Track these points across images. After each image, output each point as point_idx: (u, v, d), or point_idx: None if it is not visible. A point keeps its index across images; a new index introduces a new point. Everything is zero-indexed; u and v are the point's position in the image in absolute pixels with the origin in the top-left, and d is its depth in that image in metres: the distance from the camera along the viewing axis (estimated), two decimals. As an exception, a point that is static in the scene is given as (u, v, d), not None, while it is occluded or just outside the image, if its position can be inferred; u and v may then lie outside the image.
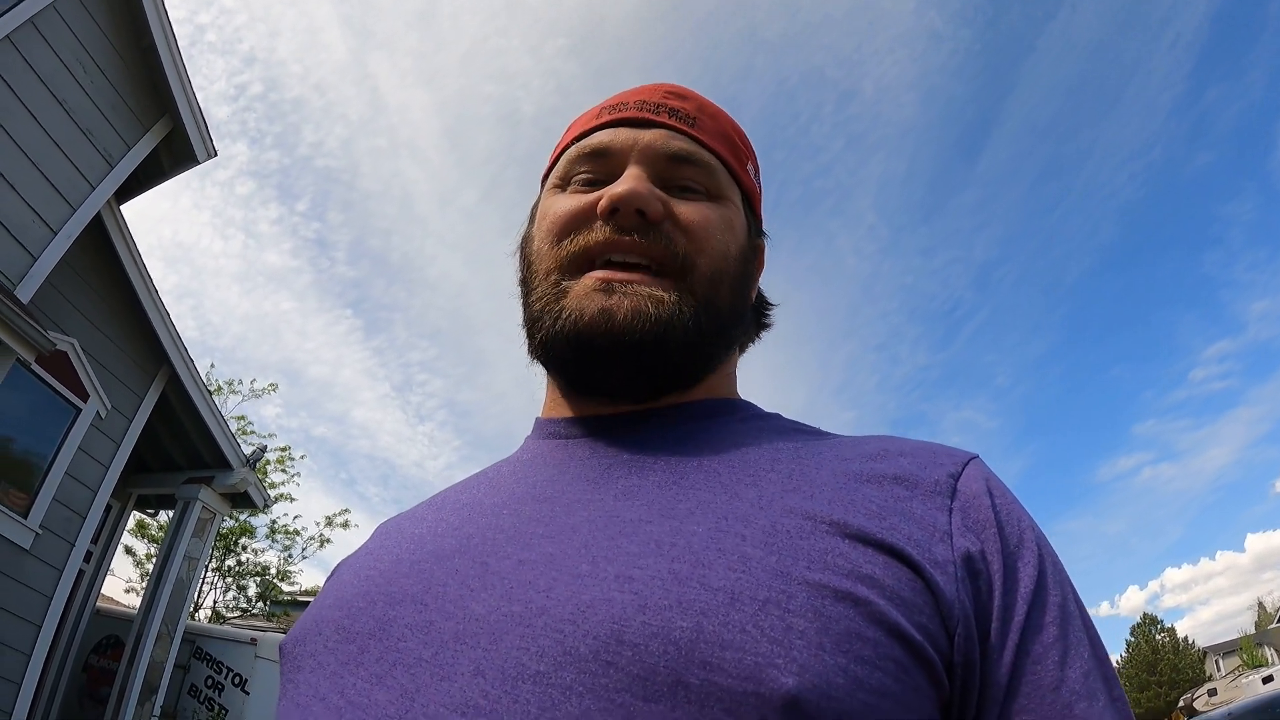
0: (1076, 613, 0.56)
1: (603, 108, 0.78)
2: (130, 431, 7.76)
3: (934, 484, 0.59)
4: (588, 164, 0.74)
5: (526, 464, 0.70)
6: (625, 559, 0.51)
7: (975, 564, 0.54)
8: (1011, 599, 0.54)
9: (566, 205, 0.72)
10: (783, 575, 0.48)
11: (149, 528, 16.08)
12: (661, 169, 0.72)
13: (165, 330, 8.01)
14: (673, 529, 0.53)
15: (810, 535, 0.51)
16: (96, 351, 7.29)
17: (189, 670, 8.95)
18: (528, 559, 0.54)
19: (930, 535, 0.54)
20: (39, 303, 6.43)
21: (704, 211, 0.71)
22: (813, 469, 0.59)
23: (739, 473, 0.59)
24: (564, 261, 0.69)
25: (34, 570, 6.67)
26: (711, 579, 0.47)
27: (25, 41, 6.10)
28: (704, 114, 0.77)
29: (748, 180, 0.79)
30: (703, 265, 0.69)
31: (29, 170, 6.16)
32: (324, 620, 0.58)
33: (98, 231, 7.14)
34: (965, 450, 0.65)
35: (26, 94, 6.13)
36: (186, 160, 7.74)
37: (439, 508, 0.68)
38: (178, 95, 7.39)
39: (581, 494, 0.61)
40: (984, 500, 0.58)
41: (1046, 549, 0.59)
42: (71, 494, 7.06)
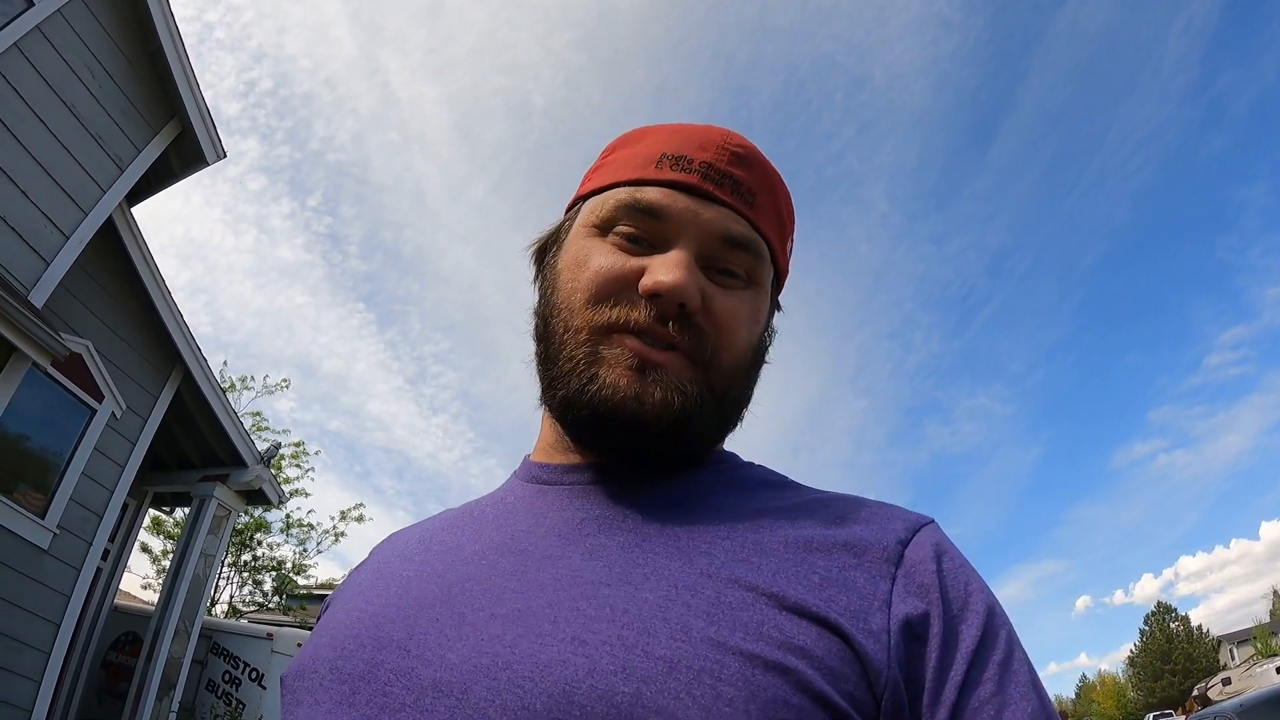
0: (1023, 670, 0.58)
1: (663, 154, 0.75)
2: (145, 431, 7.85)
3: (882, 550, 0.61)
4: (636, 220, 0.72)
5: (508, 508, 0.74)
6: (582, 621, 0.55)
7: (915, 628, 0.57)
8: (949, 659, 0.56)
9: (608, 264, 0.71)
10: (719, 645, 0.52)
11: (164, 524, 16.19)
12: (713, 249, 0.71)
13: (179, 330, 8.10)
14: (627, 594, 0.57)
15: (750, 607, 0.55)
16: (110, 353, 7.38)
17: (206, 665, 9.05)
18: (498, 613, 0.58)
19: (868, 604, 0.57)
20: (53, 306, 6.51)
21: (737, 307, 0.72)
22: (766, 536, 0.62)
23: (696, 539, 0.62)
24: (599, 327, 0.69)
25: (52, 569, 6.76)
26: (654, 647, 0.52)
27: (33, 48, 6.16)
28: (764, 188, 0.76)
29: (784, 263, 0.80)
30: (726, 362, 0.70)
31: (40, 176, 6.23)
32: (320, 658, 0.62)
33: (109, 234, 7.22)
34: (921, 515, 0.68)
35: (36, 101, 6.20)
36: (196, 162, 7.81)
37: (427, 546, 0.72)
38: (185, 98, 7.45)
39: (552, 549, 0.64)
40: (929, 565, 0.61)
41: (995, 610, 0.61)
42: (88, 494, 7.16)
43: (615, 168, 0.77)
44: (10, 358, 5.65)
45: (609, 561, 0.61)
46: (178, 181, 7.88)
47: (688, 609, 0.55)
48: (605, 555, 0.62)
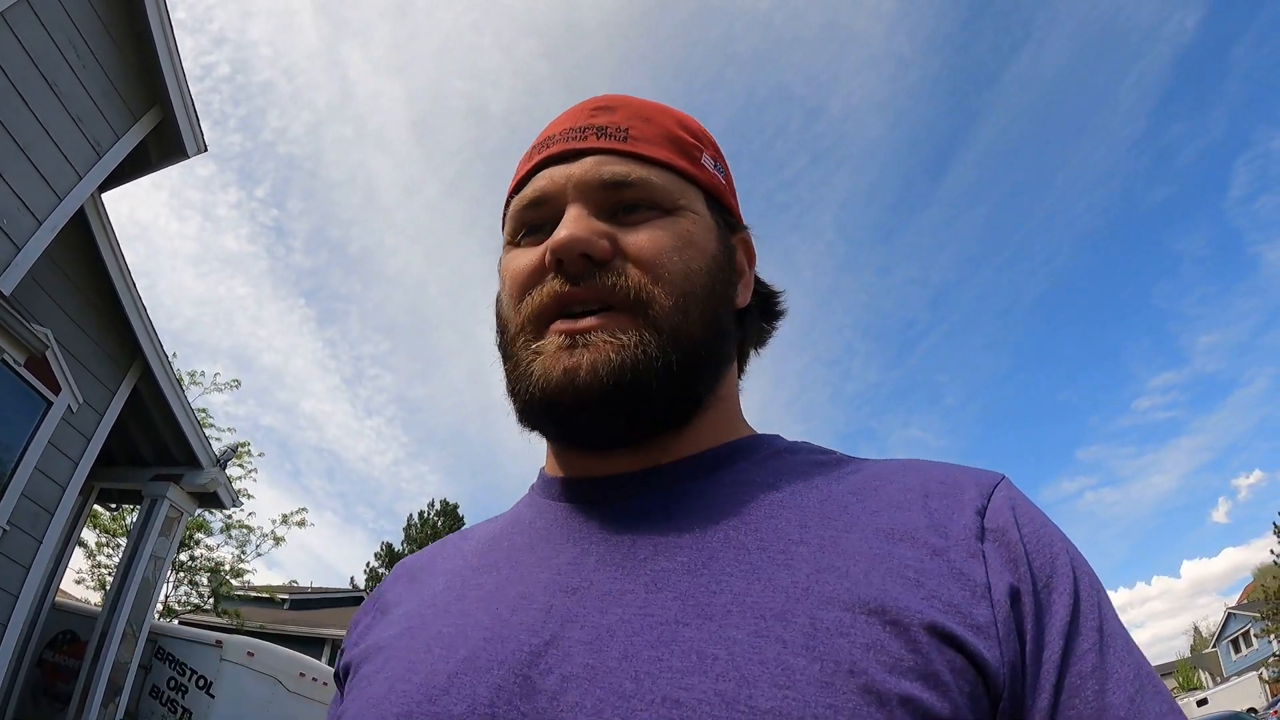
0: (1118, 632, 0.56)
1: (534, 146, 0.76)
2: (101, 427, 7.56)
3: (964, 526, 0.58)
4: (530, 215, 0.72)
5: (542, 535, 0.68)
6: (670, 676, 0.49)
7: (1013, 609, 0.54)
8: (1045, 636, 0.53)
9: (519, 263, 0.70)
10: (827, 686, 0.47)
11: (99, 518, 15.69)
12: (602, 198, 0.69)
13: (141, 324, 7.82)
14: (712, 634, 0.51)
15: (850, 631, 0.50)
16: (70, 344, 7.08)
17: (150, 671, 8.76)
18: (570, 674, 0.52)
19: (970, 595, 0.53)
20: (17, 295, 6.24)
21: (655, 235, 0.68)
22: (843, 532, 0.58)
23: (769, 549, 0.57)
24: (526, 323, 0.68)
25: (1, 568, 6.47)
26: (758, 700, 0.47)
27: (18, 19, 5.90)
28: (638, 119, 0.74)
29: (707, 175, 0.75)
30: (662, 295, 0.66)
31: (17, 157, 5.96)
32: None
33: (79, 221, 6.93)
34: (991, 474, 0.64)
35: (17, 75, 5.93)
36: (175, 153, 7.52)
37: (461, 594, 0.65)
38: (170, 85, 7.19)
39: (611, 583, 0.58)
40: (1013, 534, 0.58)
41: (1082, 571, 0.58)
42: (40, 490, 6.85)
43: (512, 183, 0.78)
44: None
45: (679, 592, 0.55)
46: (153, 171, 7.61)
47: (784, 646, 0.49)
48: (673, 584, 0.56)
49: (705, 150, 0.77)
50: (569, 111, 0.77)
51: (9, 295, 5.87)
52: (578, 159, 0.70)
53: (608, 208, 0.69)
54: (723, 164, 0.80)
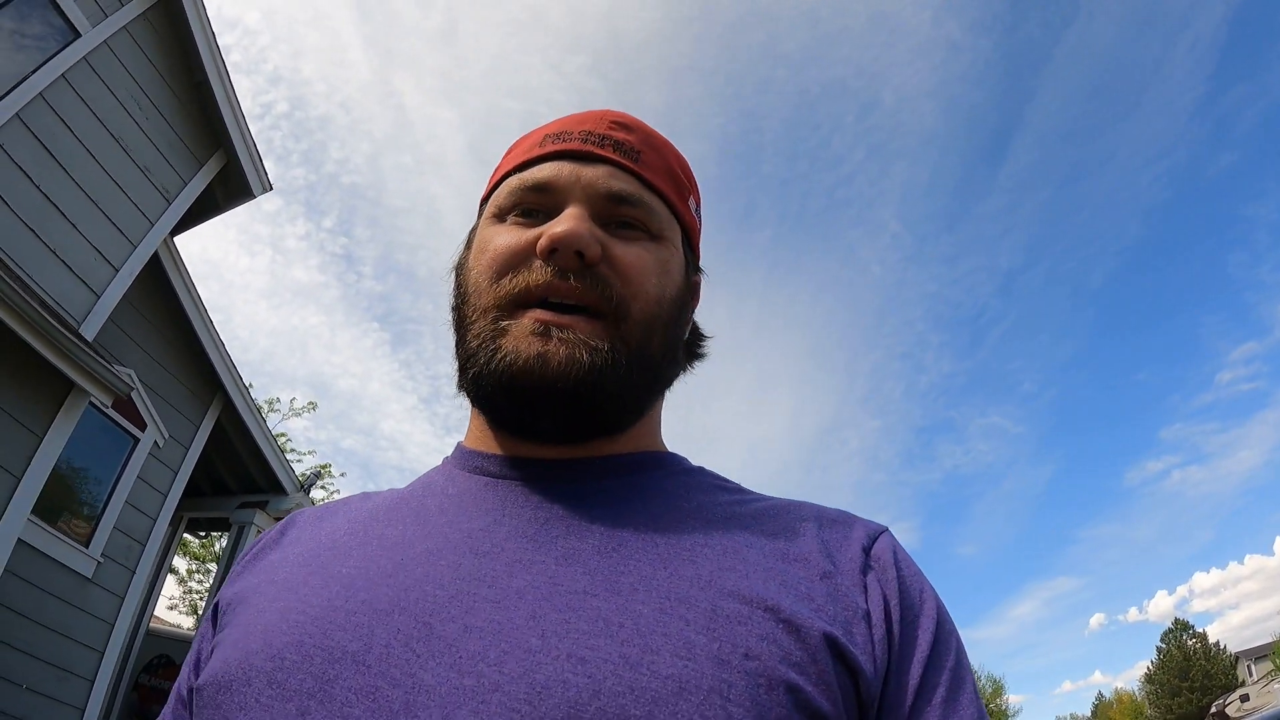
0: (968, 679, 0.60)
1: (546, 135, 0.77)
2: (187, 460, 7.89)
3: (850, 560, 0.62)
4: (528, 198, 0.73)
5: (455, 501, 0.68)
6: (576, 636, 0.51)
7: (886, 637, 0.58)
8: (907, 663, 0.58)
9: (506, 240, 0.71)
10: (723, 663, 0.50)
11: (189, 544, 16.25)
12: (602, 208, 0.71)
13: (220, 359, 8.15)
14: (619, 606, 0.54)
15: (748, 620, 0.54)
16: (154, 382, 7.43)
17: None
18: (473, 625, 0.53)
19: (852, 616, 0.58)
20: (100, 338, 6.56)
21: (641, 254, 0.71)
22: (744, 546, 0.61)
23: (675, 545, 0.60)
24: (503, 300, 0.68)
25: (96, 598, 6.79)
26: (660, 666, 0.49)
27: (81, 80, 6.23)
28: (649, 147, 0.77)
29: (689, 217, 0.79)
30: (636, 311, 0.68)
31: (90, 210, 6.29)
32: (252, 668, 0.55)
33: (154, 265, 7.27)
34: (876, 522, 0.69)
35: (85, 133, 6.26)
36: (242, 194, 7.86)
37: (364, 539, 0.66)
38: (231, 129, 7.51)
39: (521, 553, 0.60)
40: (891, 572, 0.63)
41: (944, 615, 0.63)
42: (131, 522, 7.19)
43: (508, 162, 0.79)
44: (69, 395, 5.70)
45: (589, 568, 0.58)
46: (221, 213, 7.94)
47: (686, 623, 0.53)
48: (583, 560, 0.59)
49: (692, 194, 0.81)
50: (585, 114, 0.78)
51: (92, 340, 6.18)
52: (590, 162, 0.73)
53: (605, 218, 0.71)
54: (700, 209, 0.84)
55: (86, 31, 6.22)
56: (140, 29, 6.75)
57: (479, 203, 0.83)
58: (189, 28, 7.05)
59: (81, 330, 6.10)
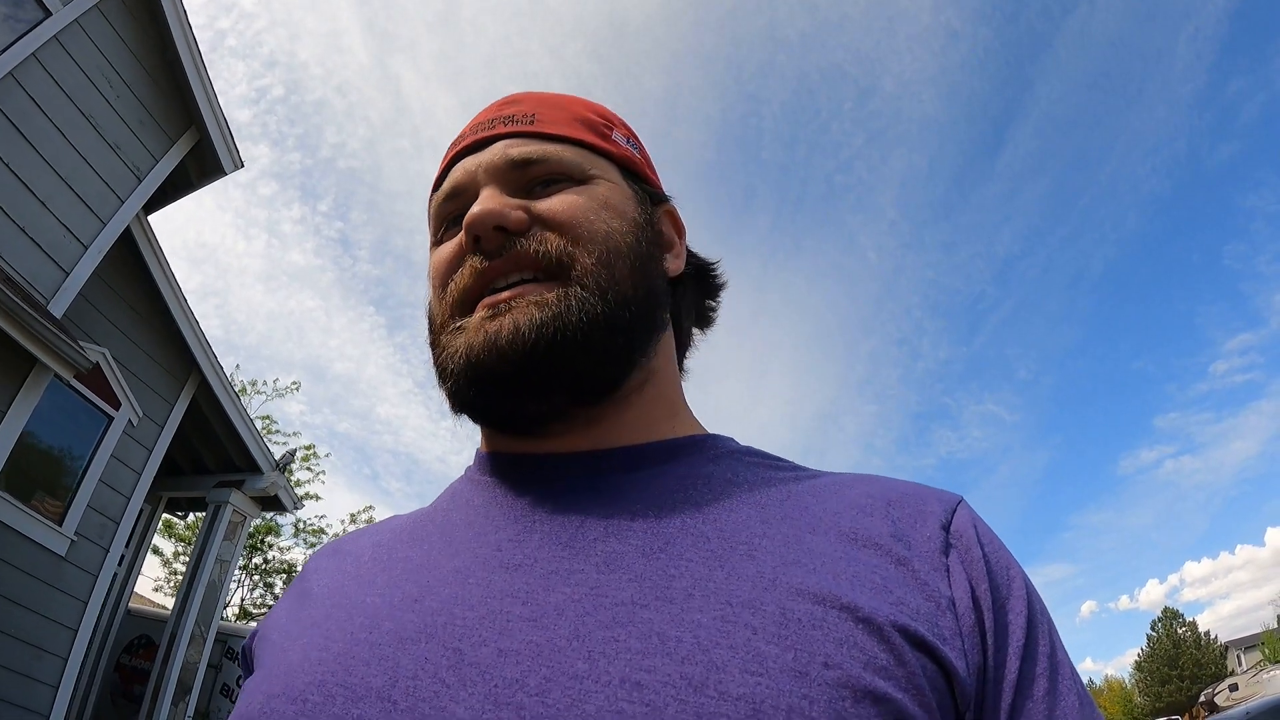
0: (1065, 660, 0.56)
1: (449, 147, 0.76)
2: (161, 438, 7.89)
3: (928, 540, 0.57)
4: (448, 208, 0.72)
5: (480, 512, 0.64)
6: (628, 657, 0.45)
7: (975, 626, 0.53)
8: (1003, 655, 0.53)
9: (441, 254, 0.70)
10: (801, 676, 0.44)
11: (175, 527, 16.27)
12: (514, 179, 0.69)
13: (194, 337, 8.14)
14: (674, 617, 0.48)
15: (823, 623, 0.48)
16: (127, 360, 7.42)
17: (221, 670, 9.09)
18: (509, 648, 0.48)
19: (936, 606, 0.52)
20: (71, 315, 6.55)
21: (569, 199, 0.67)
22: (806, 532, 0.56)
23: (729, 538, 0.54)
24: (452, 306, 0.67)
25: (70, 576, 6.80)
26: (729, 685, 0.43)
27: (51, 59, 6.20)
28: (544, 107, 0.74)
29: (620, 149, 0.75)
30: (583, 255, 0.64)
31: (60, 187, 6.27)
32: (274, 713, 0.50)
33: (127, 242, 7.26)
34: (952, 493, 0.63)
35: (54, 111, 6.24)
36: (214, 171, 7.84)
37: (387, 566, 0.61)
38: (203, 107, 7.48)
39: (558, 562, 0.54)
40: (976, 551, 0.57)
41: (1033, 594, 0.58)
42: (105, 501, 7.20)
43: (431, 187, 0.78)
44: (33, 369, 5.69)
45: (634, 574, 0.52)
46: (195, 191, 7.93)
47: (754, 632, 0.46)
48: (626, 565, 0.52)
49: (616, 128, 0.78)
50: (481, 112, 0.77)
51: (61, 318, 6.17)
52: (486, 146, 0.71)
53: (521, 186, 0.69)
54: (636, 141, 0.80)
55: (58, 10, 6.19)
56: (111, 6, 6.71)
57: None
58: (160, 4, 7.01)
59: (50, 307, 6.10)
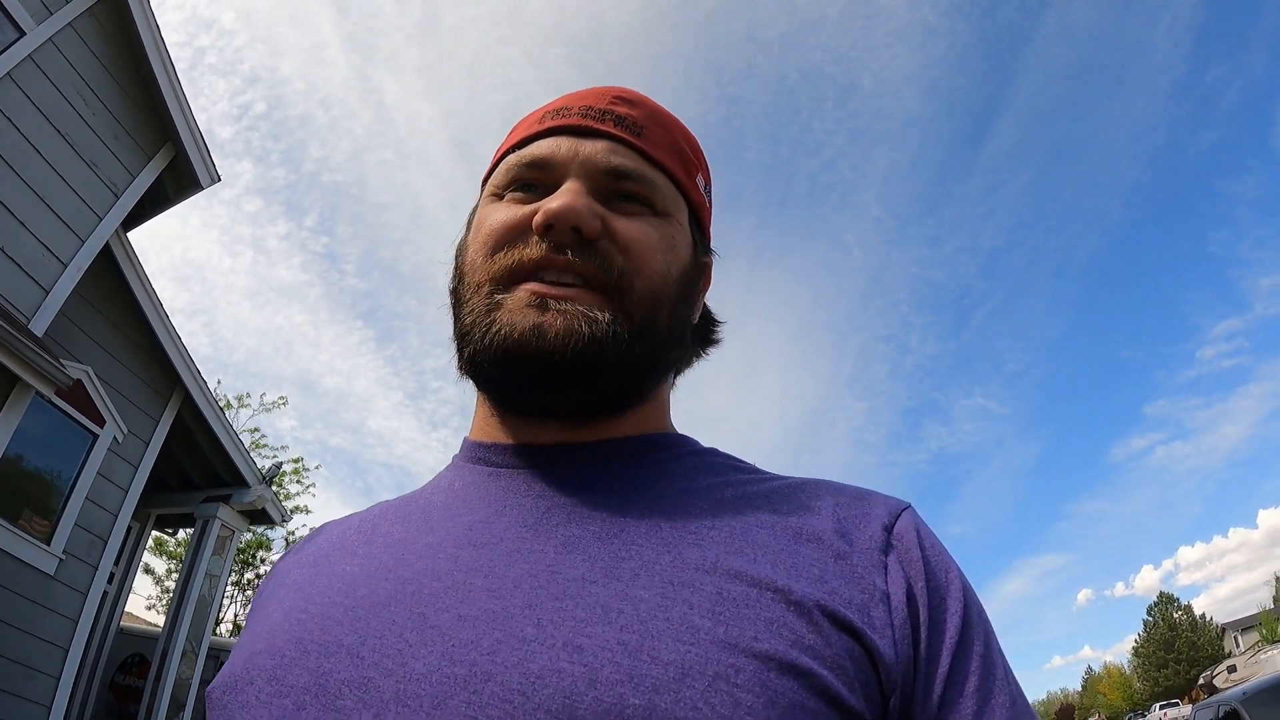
0: (999, 661, 0.58)
1: (546, 111, 0.75)
2: (147, 454, 7.88)
3: (869, 539, 0.60)
4: (526, 174, 0.71)
5: (459, 496, 0.68)
6: (573, 624, 0.50)
7: (909, 619, 0.55)
8: (936, 650, 0.55)
9: (502, 217, 0.69)
10: (730, 647, 0.48)
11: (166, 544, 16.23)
12: (602, 183, 0.69)
13: (177, 353, 8.13)
14: (619, 592, 0.52)
15: (755, 603, 0.51)
16: (111, 378, 7.42)
17: (214, 686, 9.05)
18: (468, 614, 0.52)
19: (869, 598, 0.55)
20: (52, 333, 6.55)
21: (644, 230, 0.69)
22: (753, 527, 0.59)
23: (680, 529, 0.59)
24: (497, 275, 0.67)
25: (60, 595, 6.79)
26: (661, 652, 0.48)
27: (26, 78, 6.21)
28: (653, 122, 0.74)
29: (696, 195, 0.77)
30: (640, 286, 0.66)
31: (37, 205, 6.28)
32: (255, 668, 0.56)
33: (107, 259, 7.26)
34: (900, 499, 0.66)
35: (30, 130, 6.25)
36: (191, 186, 7.85)
37: (369, 539, 0.66)
38: (178, 122, 7.49)
39: (521, 542, 0.59)
40: (915, 552, 0.60)
41: (972, 598, 0.60)
42: (93, 518, 7.18)
43: (509, 140, 0.78)
44: (14, 388, 5.69)
45: (589, 555, 0.56)
46: (173, 205, 7.93)
47: (690, 607, 0.51)
48: (583, 548, 0.57)
49: (700, 171, 0.79)
50: (590, 90, 0.76)
51: (42, 336, 6.17)
52: (590, 137, 0.71)
53: (606, 193, 0.69)
54: (710, 188, 0.82)
55: (31, 30, 6.21)
56: (85, 24, 6.73)
57: (480, 183, 0.81)
58: (134, 22, 7.03)
59: (31, 326, 6.10)
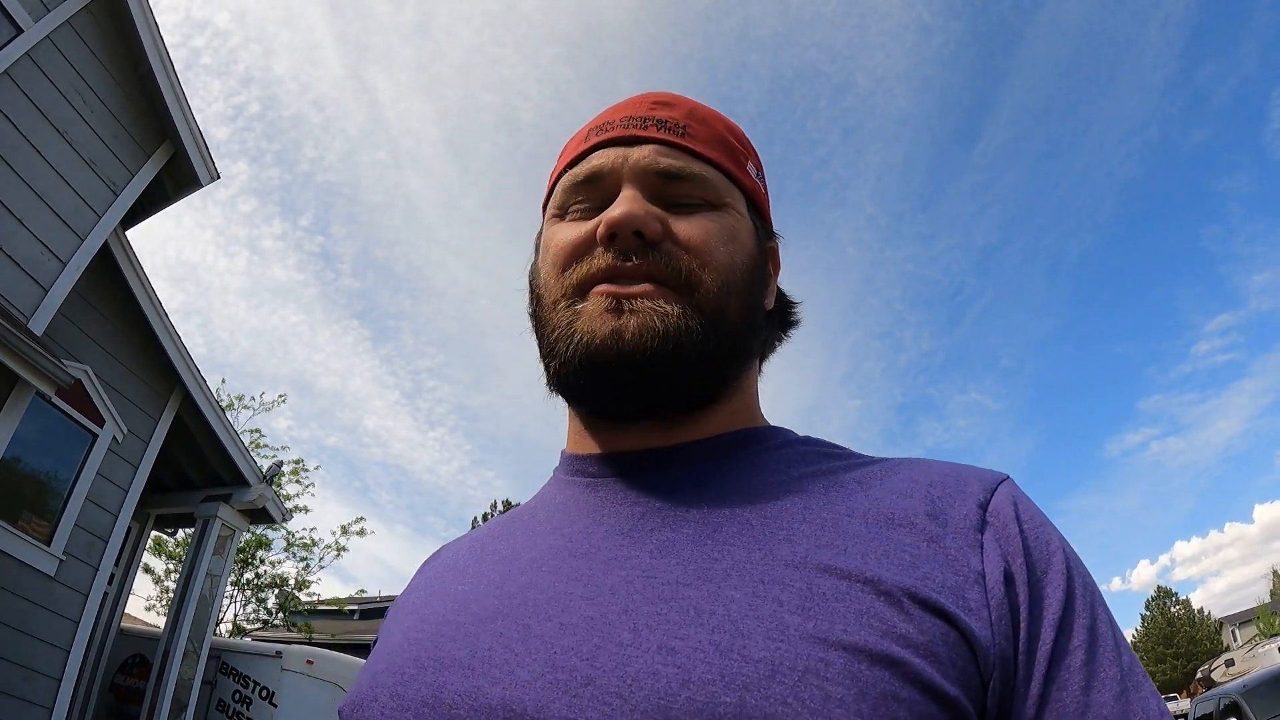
0: (1108, 633, 0.57)
1: (591, 129, 0.78)
2: (147, 454, 7.85)
3: (964, 518, 0.60)
4: (582, 191, 0.74)
5: (560, 509, 0.71)
6: (666, 627, 0.52)
7: (1008, 598, 0.55)
8: (1037, 627, 0.55)
9: (567, 235, 0.72)
10: (820, 641, 0.49)
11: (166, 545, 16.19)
12: (655, 186, 0.71)
13: (176, 352, 8.10)
14: (710, 593, 0.53)
15: (845, 596, 0.52)
16: (110, 377, 7.39)
17: (216, 685, 9.03)
18: (569, 622, 0.55)
19: (964, 580, 0.55)
20: (51, 333, 6.52)
21: (704, 225, 0.70)
22: (844, 516, 0.60)
23: (772, 525, 0.60)
24: (569, 289, 0.70)
25: (60, 596, 6.76)
26: (752, 650, 0.49)
27: (24, 76, 6.17)
28: (694, 119, 0.77)
29: (750, 182, 0.78)
30: (709, 280, 0.68)
31: (35, 204, 6.24)
32: (379, 686, 0.59)
33: (105, 258, 7.22)
34: (996, 473, 0.66)
35: (28, 128, 6.21)
36: (190, 184, 7.81)
37: (480, 557, 0.70)
38: (177, 120, 7.45)
39: (617, 550, 0.61)
40: (1013, 528, 0.59)
41: (1076, 569, 0.59)
42: (93, 519, 7.15)
43: (560, 162, 0.80)
44: (14, 388, 5.66)
45: (682, 558, 0.58)
46: (172, 204, 7.88)
47: (780, 605, 0.52)
48: (677, 551, 0.59)
49: (750, 158, 0.81)
50: (628, 101, 0.79)
51: (41, 335, 6.13)
52: (636, 145, 0.73)
53: (661, 195, 0.71)
54: (762, 173, 0.84)
55: (29, 27, 6.16)
56: (83, 22, 6.69)
57: (541, 208, 0.84)
58: (132, 19, 6.99)
59: (30, 325, 6.06)
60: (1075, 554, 0.61)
